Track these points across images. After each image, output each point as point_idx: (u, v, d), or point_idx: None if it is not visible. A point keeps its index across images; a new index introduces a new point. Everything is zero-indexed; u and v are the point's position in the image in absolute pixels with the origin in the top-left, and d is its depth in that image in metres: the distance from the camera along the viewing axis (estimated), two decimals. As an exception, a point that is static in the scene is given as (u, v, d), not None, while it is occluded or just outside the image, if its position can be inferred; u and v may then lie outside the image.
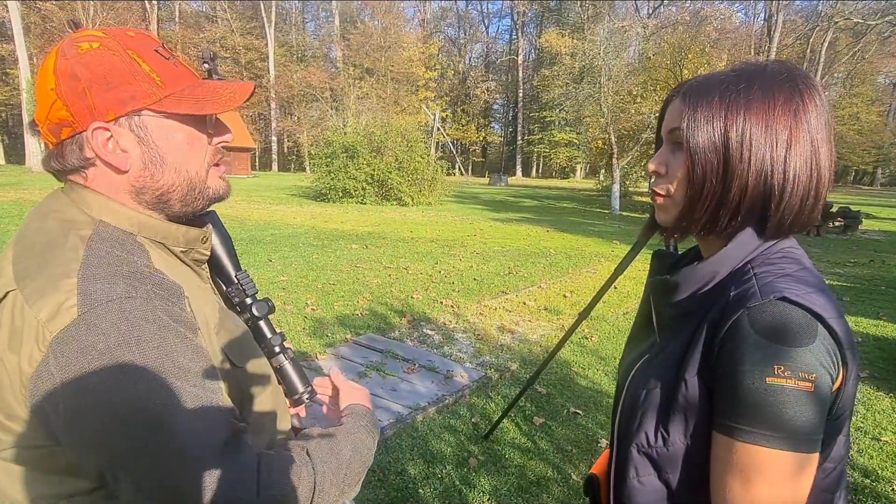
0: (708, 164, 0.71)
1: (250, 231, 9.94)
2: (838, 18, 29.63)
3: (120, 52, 0.69)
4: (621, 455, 0.81)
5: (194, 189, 0.77)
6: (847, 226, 13.74)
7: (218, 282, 0.92)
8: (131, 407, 0.60)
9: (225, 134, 0.81)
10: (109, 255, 0.67)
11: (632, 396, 0.80)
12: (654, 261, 0.97)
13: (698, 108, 0.72)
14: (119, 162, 0.71)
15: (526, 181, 45.76)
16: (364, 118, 24.52)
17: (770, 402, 0.62)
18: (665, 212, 0.80)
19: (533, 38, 57.38)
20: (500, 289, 6.35)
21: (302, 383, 0.94)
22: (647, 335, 0.89)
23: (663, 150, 0.79)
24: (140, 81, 0.69)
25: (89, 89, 0.67)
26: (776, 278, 0.68)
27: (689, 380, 0.70)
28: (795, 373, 0.62)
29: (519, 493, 2.51)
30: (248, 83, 0.77)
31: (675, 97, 0.77)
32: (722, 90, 0.71)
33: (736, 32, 40.04)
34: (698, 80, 0.75)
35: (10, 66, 35.00)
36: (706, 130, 0.71)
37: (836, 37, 40.34)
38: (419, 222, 12.87)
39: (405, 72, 48.34)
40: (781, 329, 0.63)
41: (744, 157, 0.70)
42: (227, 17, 47.75)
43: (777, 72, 0.71)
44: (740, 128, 0.69)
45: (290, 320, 4.73)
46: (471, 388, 3.55)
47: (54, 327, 0.59)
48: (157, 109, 0.71)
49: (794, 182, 0.70)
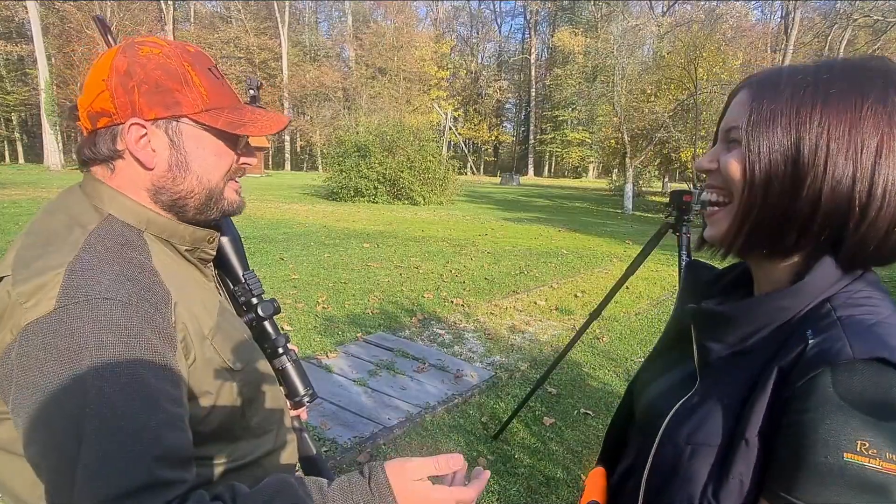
0: (773, 168, 0.60)
1: (263, 229, 10.00)
2: (857, 16, 29.09)
3: (177, 61, 0.73)
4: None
5: (211, 199, 0.80)
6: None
7: (225, 280, 0.92)
8: (62, 418, 0.58)
9: (251, 157, 0.84)
10: (106, 250, 0.68)
11: (672, 451, 0.65)
12: (687, 274, 0.84)
13: (764, 102, 0.60)
14: (147, 158, 0.73)
15: (538, 181, 45.63)
16: (376, 117, 24.62)
17: (843, 483, 0.51)
18: (717, 224, 0.67)
19: (546, 37, 57.12)
20: (511, 288, 6.33)
21: (304, 385, 0.94)
22: (677, 363, 0.76)
23: (717, 149, 0.67)
24: (188, 91, 0.73)
25: (139, 87, 0.71)
26: (868, 328, 0.55)
27: (751, 439, 0.58)
28: (882, 452, 0.50)
29: (528, 493, 2.49)
30: (284, 117, 0.81)
31: (742, 89, 0.65)
32: (797, 83, 0.60)
33: (752, 30, 39.51)
34: (770, 71, 0.64)
35: (29, 66, 35.60)
36: (773, 131, 0.60)
37: (855, 35, 39.65)
38: (430, 221, 12.87)
39: (417, 71, 48.40)
40: (874, 398, 0.51)
41: (818, 161, 0.57)
42: (241, 18, 48.14)
43: (869, 67, 0.59)
44: (815, 127, 0.58)
45: (301, 318, 4.75)
46: (480, 388, 3.54)
47: (30, 316, 0.60)
48: (197, 120, 0.75)
49: (883, 198, 0.57)
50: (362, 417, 3.07)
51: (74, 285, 0.62)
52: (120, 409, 0.59)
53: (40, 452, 0.60)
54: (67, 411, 0.58)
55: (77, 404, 0.58)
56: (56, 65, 29.72)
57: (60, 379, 0.58)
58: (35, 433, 0.59)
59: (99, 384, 0.59)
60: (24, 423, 0.59)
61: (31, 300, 0.61)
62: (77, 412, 0.58)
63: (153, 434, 0.60)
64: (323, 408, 3.15)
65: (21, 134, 39.37)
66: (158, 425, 0.61)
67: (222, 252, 0.91)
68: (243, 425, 0.78)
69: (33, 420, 0.59)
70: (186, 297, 0.73)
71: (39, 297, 0.61)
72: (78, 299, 0.61)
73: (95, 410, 0.58)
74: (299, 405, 0.96)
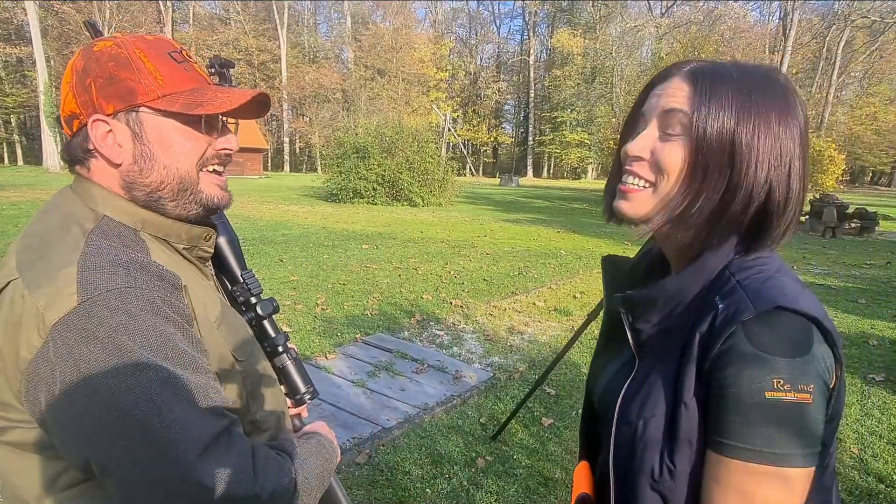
0: (713, 158, 0.66)
1: (262, 231, 10.01)
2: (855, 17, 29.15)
3: (129, 49, 0.72)
4: (625, 493, 0.73)
5: (185, 190, 0.77)
6: (864, 227, 13.51)
7: (223, 280, 0.92)
8: (132, 396, 0.60)
9: (229, 139, 0.81)
10: (110, 246, 0.68)
11: (628, 429, 0.72)
12: (607, 268, 0.90)
13: (713, 95, 0.66)
14: (113, 154, 0.73)
15: (537, 182, 45.63)
16: (375, 119, 24.61)
17: (768, 418, 0.59)
18: (639, 203, 0.72)
19: (544, 39, 57.19)
20: (509, 289, 6.33)
21: (304, 383, 0.94)
22: (617, 351, 0.83)
23: (649, 134, 0.71)
24: (142, 78, 0.71)
25: (94, 82, 0.71)
26: (762, 284, 0.65)
27: (689, 402, 0.66)
28: (794, 385, 0.59)
29: (526, 494, 2.50)
30: (250, 90, 0.77)
31: (674, 76, 0.70)
32: (736, 85, 0.66)
33: (750, 31, 39.60)
34: (709, 66, 0.69)
35: (28, 68, 35.61)
36: (720, 121, 0.65)
37: (853, 35, 39.74)
38: (429, 223, 12.88)
39: (416, 72, 48.43)
40: (780, 341, 0.60)
41: (752, 158, 0.65)
42: (240, 20, 48.20)
43: (779, 80, 0.68)
44: (751, 127, 0.65)
45: (300, 320, 4.75)
46: (479, 389, 3.55)
47: (54, 315, 0.60)
48: (153, 107, 0.72)
49: (796, 197, 0.68)
50: (361, 418, 3.08)
51: (91, 280, 0.63)
52: (176, 378, 0.63)
53: (112, 437, 0.60)
54: (133, 391, 0.60)
55: (139, 383, 0.60)
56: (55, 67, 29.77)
57: (113, 365, 0.60)
58: (99, 420, 0.60)
59: (152, 360, 0.61)
60: (81, 415, 0.60)
61: (49, 299, 0.61)
62: (143, 390, 0.60)
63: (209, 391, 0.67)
64: (322, 409, 3.16)
65: (20, 136, 39.39)
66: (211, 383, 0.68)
67: (220, 253, 0.91)
68: (248, 419, 0.79)
69: (95, 409, 0.60)
70: (191, 286, 0.74)
71: (59, 296, 0.61)
72: (100, 290, 0.62)
73: (158, 384, 0.61)
74: (300, 403, 0.96)
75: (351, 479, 2.53)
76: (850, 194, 28.93)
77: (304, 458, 0.79)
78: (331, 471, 0.87)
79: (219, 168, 0.81)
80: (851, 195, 27.72)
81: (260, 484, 0.66)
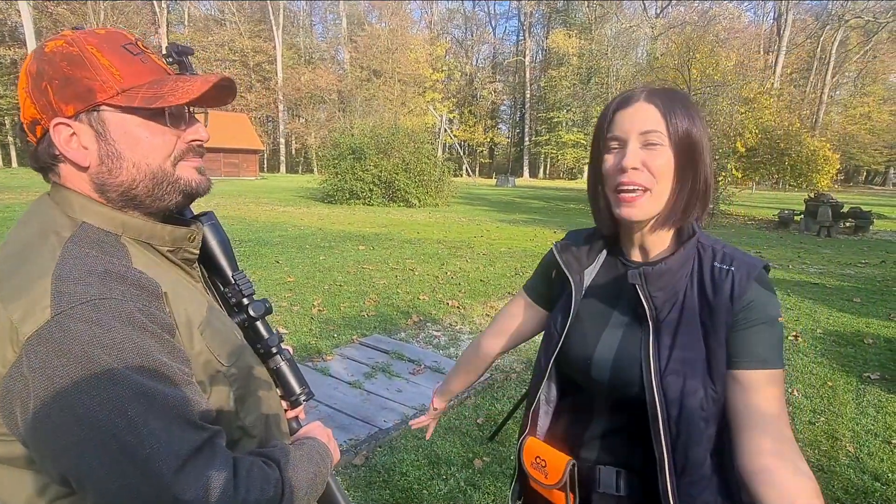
0: (686, 159, 0.88)
1: (258, 232, 9.98)
2: (849, 17, 29.31)
3: (80, 46, 0.69)
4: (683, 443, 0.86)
5: (161, 183, 0.75)
6: (858, 226, 13.59)
7: (215, 282, 0.91)
8: (106, 411, 0.58)
9: (197, 129, 0.78)
10: (86, 255, 0.66)
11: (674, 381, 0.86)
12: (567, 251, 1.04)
13: (675, 113, 0.87)
14: (79, 158, 0.70)
15: (533, 182, 45.70)
16: (371, 120, 24.59)
17: (780, 336, 0.87)
18: (643, 208, 0.89)
19: (540, 39, 57.29)
20: (506, 290, 6.33)
21: (299, 384, 0.93)
22: (608, 316, 0.97)
23: (634, 149, 0.88)
24: (98, 75, 0.68)
25: (50, 85, 0.68)
26: (735, 250, 0.91)
27: (720, 343, 0.86)
28: (780, 312, 0.88)
29: (524, 494, 2.49)
30: (212, 76, 0.73)
31: (637, 100, 0.89)
32: (680, 100, 0.89)
33: (745, 32, 39.71)
34: (664, 91, 0.90)
35: (22, 69, 35.43)
36: (685, 127, 0.87)
37: (847, 35, 39.92)
38: (426, 223, 12.88)
39: (412, 73, 48.44)
40: (770, 285, 0.89)
41: (704, 157, 0.89)
42: (235, 21, 48.12)
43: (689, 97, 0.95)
44: (699, 135, 0.88)
45: (296, 321, 4.73)
46: (476, 390, 3.54)
47: (28, 328, 0.59)
48: (115, 104, 0.70)
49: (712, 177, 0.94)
50: (358, 420, 3.07)
51: (65, 291, 0.61)
52: (152, 391, 0.61)
53: (87, 452, 0.59)
54: (107, 406, 0.58)
55: (113, 397, 0.58)
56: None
57: (86, 379, 0.58)
58: (73, 435, 0.58)
59: (126, 374, 0.59)
60: (56, 430, 0.58)
61: (22, 313, 0.60)
62: (117, 405, 0.58)
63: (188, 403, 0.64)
64: (319, 410, 3.15)
65: (14, 138, 39.14)
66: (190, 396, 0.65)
67: (211, 254, 0.89)
68: (238, 425, 0.77)
69: (70, 424, 0.58)
70: (174, 292, 0.72)
71: (33, 309, 0.60)
72: (73, 303, 0.60)
73: (133, 398, 0.59)
74: (296, 404, 0.94)
75: (348, 480, 2.53)
76: (845, 194, 29.04)
77: (294, 465, 0.78)
78: (325, 475, 0.85)
79: (195, 160, 0.79)
80: (846, 194, 27.83)
81: (241, 496, 0.65)
